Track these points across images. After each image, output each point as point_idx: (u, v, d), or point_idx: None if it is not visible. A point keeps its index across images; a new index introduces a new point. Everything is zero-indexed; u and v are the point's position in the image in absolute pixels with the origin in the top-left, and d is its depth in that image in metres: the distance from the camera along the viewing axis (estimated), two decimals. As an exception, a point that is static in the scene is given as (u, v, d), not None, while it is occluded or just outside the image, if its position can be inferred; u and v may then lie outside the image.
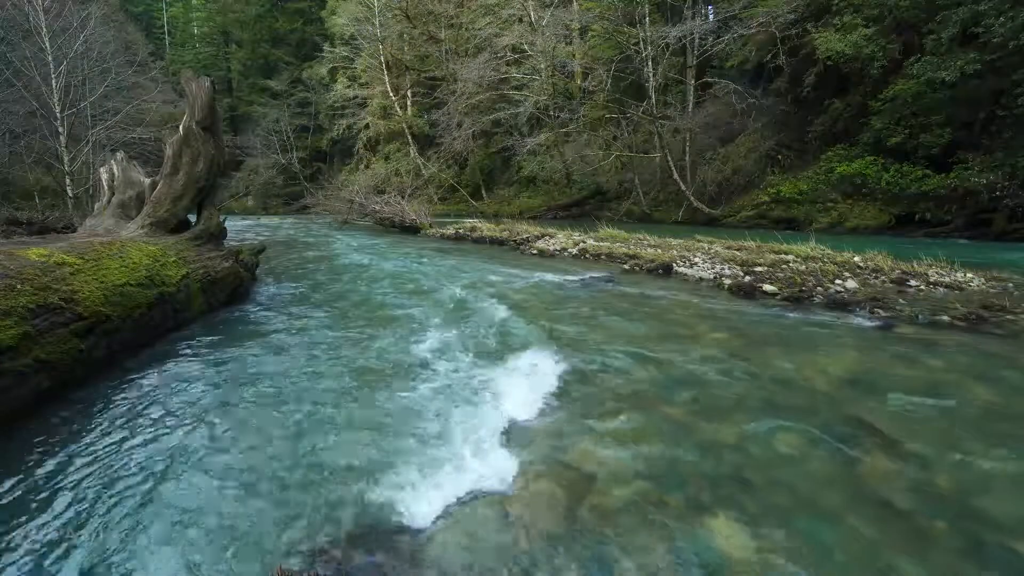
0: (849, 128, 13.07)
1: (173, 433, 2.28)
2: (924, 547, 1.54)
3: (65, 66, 14.64)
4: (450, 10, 24.71)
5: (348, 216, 16.19)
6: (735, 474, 1.93)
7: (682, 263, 6.29)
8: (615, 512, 1.73)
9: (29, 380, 2.35)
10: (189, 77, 5.34)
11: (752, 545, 1.56)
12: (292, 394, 2.70)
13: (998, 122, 10.19)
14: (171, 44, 42.60)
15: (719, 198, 15.47)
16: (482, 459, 2.08)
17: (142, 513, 1.74)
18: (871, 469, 1.93)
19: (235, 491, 1.86)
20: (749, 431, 2.23)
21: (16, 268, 2.56)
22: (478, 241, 10.80)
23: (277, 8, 37.79)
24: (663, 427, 2.30)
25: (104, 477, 1.94)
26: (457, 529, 1.69)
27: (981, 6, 9.79)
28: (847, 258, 5.75)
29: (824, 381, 2.76)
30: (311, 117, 33.85)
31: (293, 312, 4.55)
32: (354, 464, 2.03)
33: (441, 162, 24.99)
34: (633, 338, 3.60)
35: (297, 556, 1.56)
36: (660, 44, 15.60)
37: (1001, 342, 3.37)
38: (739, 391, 2.66)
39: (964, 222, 10.53)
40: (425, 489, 1.87)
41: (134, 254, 3.57)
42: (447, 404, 2.57)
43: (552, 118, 19.76)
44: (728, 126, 16.25)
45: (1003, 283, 4.80)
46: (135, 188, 5.11)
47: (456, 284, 5.69)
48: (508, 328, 3.90)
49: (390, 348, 3.47)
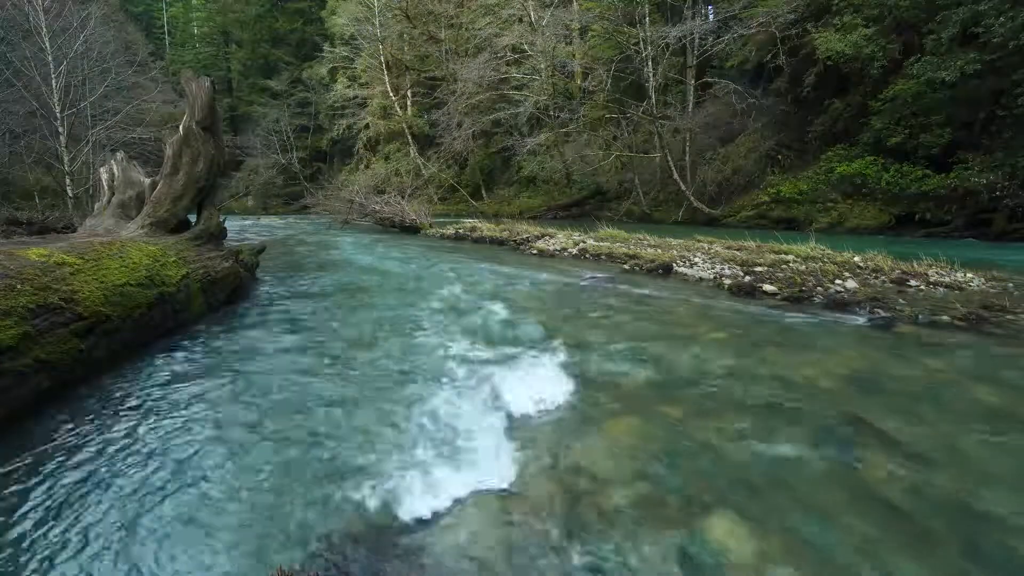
0: (849, 128, 13.07)
1: (173, 433, 2.28)
2: (924, 547, 1.54)
3: (65, 66, 14.64)
4: (450, 10, 24.72)
5: (348, 216, 16.18)
6: (735, 474, 1.93)
7: (682, 263, 6.29)
8: (615, 512, 1.73)
9: (29, 380, 2.35)
10: (189, 77, 5.34)
11: (752, 545, 1.56)
12: (292, 394, 2.70)
13: (998, 122, 10.19)
14: (171, 44, 42.62)
15: (719, 198, 15.47)
16: (482, 459, 2.08)
17: (142, 513, 1.74)
18: (871, 469, 1.93)
19: (235, 491, 1.86)
20: (749, 431, 2.23)
21: (16, 268, 2.56)
22: (478, 241, 10.80)
23: (277, 8, 37.80)
24: (663, 427, 2.30)
25: (104, 477, 1.94)
26: (457, 529, 1.69)
27: (981, 6, 9.79)
28: (847, 258, 5.75)
29: (824, 381, 2.76)
30: (311, 117, 33.86)
31: (293, 312, 4.55)
32: (354, 463, 2.03)
33: (441, 162, 25.00)
34: (633, 338, 3.60)
35: (297, 556, 1.56)
36: (660, 44, 15.60)
37: (1001, 342, 3.37)
38: (739, 391, 2.66)
39: (964, 222, 10.53)
40: (425, 488, 1.87)
41: (134, 254, 3.57)
42: (447, 403, 2.57)
43: (552, 118, 19.77)
44: (728, 126, 16.25)
45: (1003, 283, 4.79)
46: (135, 188, 5.11)
47: (455, 284, 5.69)
48: (508, 328, 3.90)
49: (390, 348, 3.47)
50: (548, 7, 20.05)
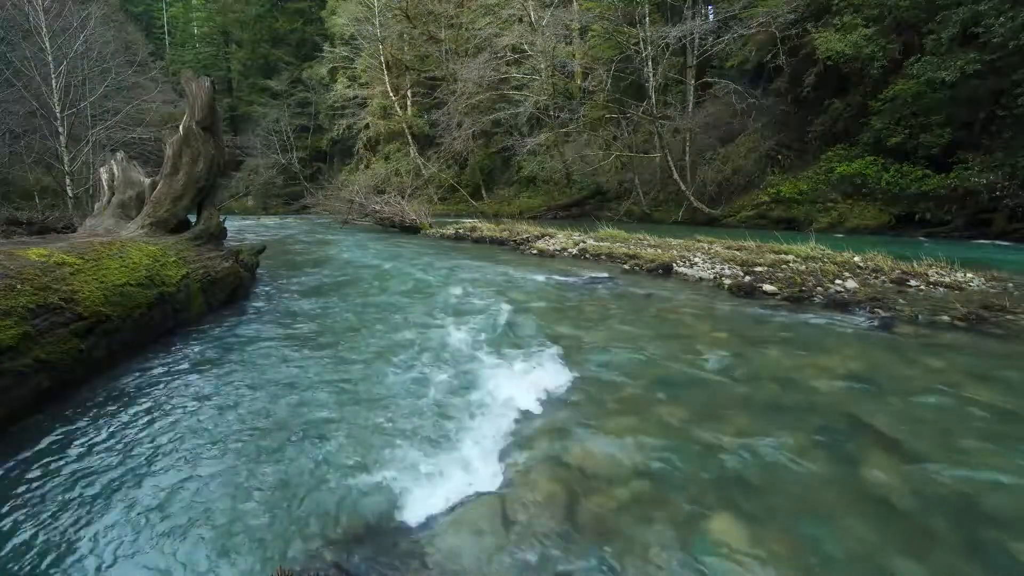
0: (849, 128, 13.07)
1: (173, 433, 2.28)
2: (924, 547, 1.54)
3: (65, 66, 14.64)
4: (450, 10, 24.71)
5: (348, 216, 16.18)
6: (735, 474, 1.93)
7: (682, 263, 6.29)
8: (615, 512, 1.73)
9: (29, 380, 2.35)
10: (189, 77, 5.34)
11: (752, 545, 1.56)
12: (292, 394, 2.70)
13: (998, 122, 10.19)
14: (171, 44, 42.61)
15: (719, 198, 15.47)
16: (482, 459, 2.08)
17: (142, 513, 1.74)
18: (871, 469, 1.93)
19: (235, 491, 1.86)
20: (749, 431, 2.23)
21: (16, 268, 2.56)
22: (478, 241, 10.80)
23: (277, 8, 37.79)
24: (663, 427, 2.30)
25: (104, 477, 1.94)
26: (457, 529, 1.69)
27: (981, 6, 9.79)
28: (847, 258, 5.75)
29: (824, 381, 2.76)
30: (311, 117, 33.84)
31: (293, 312, 4.55)
32: (354, 464, 2.03)
33: (441, 162, 24.99)
34: (633, 338, 3.60)
35: (297, 556, 1.56)
36: (660, 44, 15.60)
37: (1001, 342, 3.37)
38: (739, 391, 2.66)
39: (964, 222, 10.53)
40: (425, 489, 1.87)
41: (134, 254, 3.57)
42: (447, 403, 2.57)
43: (552, 118, 19.76)
44: (728, 126, 16.25)
45: (1003, 283, 4.80)
46: (135, 188, 5.10)
47: (455, 284, 5.69)
48: (508, 328, 3.90)
49: (390, 348, 3.47)
50: (548, 7, 20.04)
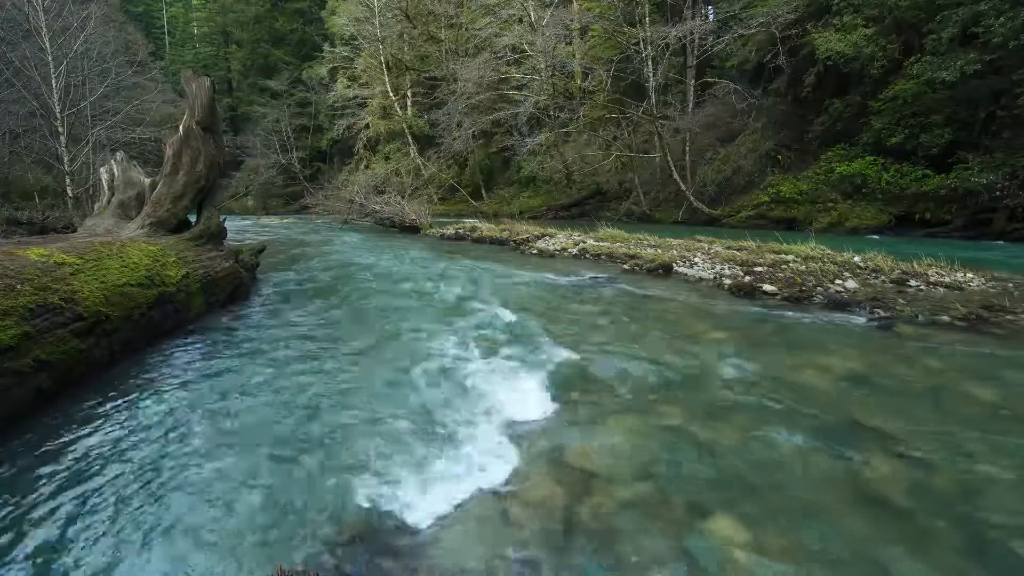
0: (849, 128, 13.07)
1: (174, 433, 2.28)
2: (924, 547, 1.54)
3: (65, 66, 14.62)
4: (450, 10, 24.69)
5: (348, 216, 16.17)
6: (735, 474, 1.93)
7: (682, 263, 6.28)
8: (615, 512, 1.73)
9: (29, 380, 2.35)
10: (189, 77, 5.34)
11: (752, 545, 1.56)
12: (292, 394, 2.70)
13: (998, 122, 10.19)
14: (171, 44, 42.62)
15: (719, 198, 15.47)
16: (482, 459, 2.08)
17: (142, 513, 1.74)
18: (871, 469, 1.93)
19: (235, 491, 1.86)
20: (749, 431, 2.23)
21: (16, 268, 2.56)
22: (478, 241, 10.80)
23: (277, 8, 37.80)
24: (663, 427, 2.30)
25: (104, 477, 1.94)
26: (457, 529, 1.69)
27: (981, 6, 9.79)
28: (847, 258, 5.75)
29: (824, 381, 2.76)
30: (311, 117, 33.83)
31: (293, 312, 4.55)
32: (354, 464, 2.03)
33: (441, 162, 24.97)
34: (633, 338, 3.60)
35: (297, 556, 1.56)
36: (660, 44, 15.59)
37: (1001, 342, 3.37)
38: (739, 391, 2.66)
39: (964, 222, 10.52)
40: (425, 489, 1.87)
41: (134, 254, 3.57)
42: (447, 403, 2.57)
43: (552, 118, 19.74)
44: (728, 126, 16.25)
45: (1003, 283, 4.79)
46: (135, 188, 5.10)
47: (455, 284, 5.69)
48: (508, 329, 3.90)
49: (388, 348, 3.47)
50: (548, 7, 20.03)
